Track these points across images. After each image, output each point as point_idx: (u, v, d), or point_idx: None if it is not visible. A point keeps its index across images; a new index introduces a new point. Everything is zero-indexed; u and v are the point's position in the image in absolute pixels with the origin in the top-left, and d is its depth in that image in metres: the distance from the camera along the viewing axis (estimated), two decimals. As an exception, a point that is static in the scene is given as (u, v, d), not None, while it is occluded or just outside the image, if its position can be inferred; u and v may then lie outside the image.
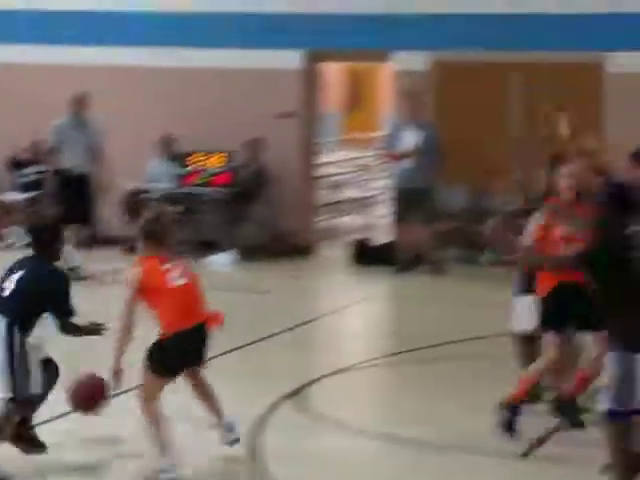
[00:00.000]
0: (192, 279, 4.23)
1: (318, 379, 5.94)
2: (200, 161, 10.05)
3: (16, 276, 4.15)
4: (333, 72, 15.57)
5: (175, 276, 4.11)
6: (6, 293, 4.13)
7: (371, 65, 15.71)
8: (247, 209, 9.50)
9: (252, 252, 9.61)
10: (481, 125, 9.49)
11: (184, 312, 4.08)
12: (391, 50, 10.11)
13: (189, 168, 10.04)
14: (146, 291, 4.07)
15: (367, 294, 8.68)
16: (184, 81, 10.06)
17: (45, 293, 4.08)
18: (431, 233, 9.34)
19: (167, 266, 4.12)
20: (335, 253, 10.38)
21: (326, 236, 11.12)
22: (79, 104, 9.18)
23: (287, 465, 4.42)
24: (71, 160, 8.89)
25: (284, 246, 9.68)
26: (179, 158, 10.04)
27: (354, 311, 8.26)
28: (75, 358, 5.10)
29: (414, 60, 10.07)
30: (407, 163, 9.52)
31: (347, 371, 6.27)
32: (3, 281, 4.20)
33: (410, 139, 9.62)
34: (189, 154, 10.11)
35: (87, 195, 8.76)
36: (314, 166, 10.82)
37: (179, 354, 4.13)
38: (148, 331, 4.23)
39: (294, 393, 5.47)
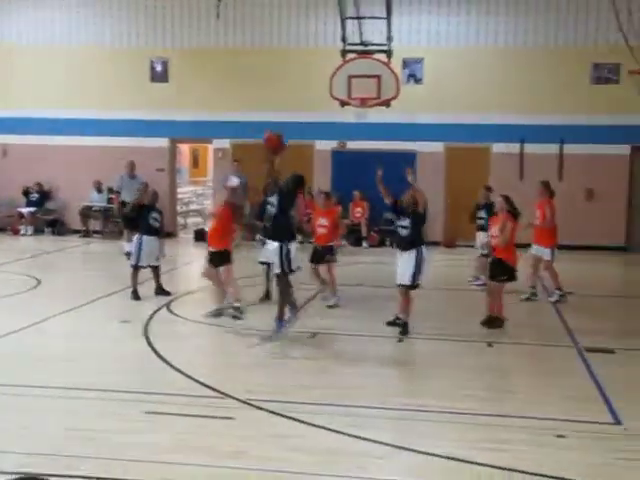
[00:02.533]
0: None
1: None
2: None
3: None
4: (184, 148, 26.91)
5: None
6: None
7: (202, 145, 26.68)
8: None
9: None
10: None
11: None
12: (211, 138, 20.48)
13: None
14: None
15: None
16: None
17: None
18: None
19: None
20: (187, 236, 20.41)
21: (182, 227, 21.24)
22: (131, 166, 17.33)
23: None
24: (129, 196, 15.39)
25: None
26: (108, 190, 19.79)
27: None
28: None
29: (224, 142, 20.42)
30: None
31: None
32: None
33: (234, 180, 19.90)
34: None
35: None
36: (175, 192, 20.98)
37: None
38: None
39: None
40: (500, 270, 9.86)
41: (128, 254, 12.59)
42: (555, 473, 5.43)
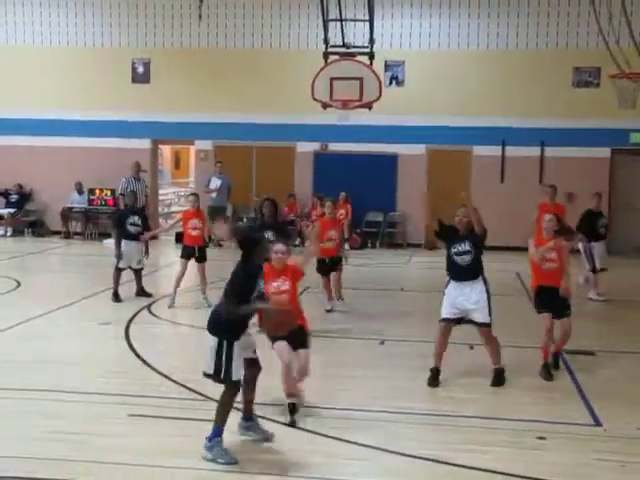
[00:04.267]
0: None
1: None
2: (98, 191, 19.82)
3: None
4: (166, 149, 26.77)
5: None
6: None
7: (184, 146, 26.57)
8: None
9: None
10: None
11: None
12: (193, 139, 20.41)
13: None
14: None
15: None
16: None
17: None
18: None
19: None
20: (168, 237, 20.26)
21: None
22: (137, 167, 17.23)
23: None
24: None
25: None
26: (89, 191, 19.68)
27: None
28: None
29: (205, 144, 20.36)
30: (214, 194, 18.21)
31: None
32: None
33: (215, 182, 19.85)
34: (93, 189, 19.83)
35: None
36: (157, 193, 20.91)
37: None
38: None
39: None
40: None
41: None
42: (535, 474, 5.47)
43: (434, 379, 7.60)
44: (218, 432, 5.62)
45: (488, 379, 7.81)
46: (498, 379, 7.64)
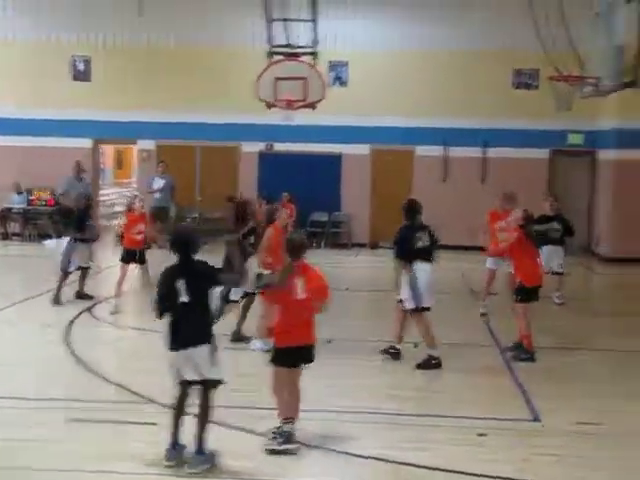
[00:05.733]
0: None
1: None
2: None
3: None
4: (108, 149, 26.27)
5: None
6: None
7: (127, 146, 26.15)
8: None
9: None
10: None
11: None
12: (136, 139, 20.17)
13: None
14: None
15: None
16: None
17: None
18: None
19: None
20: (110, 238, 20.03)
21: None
22: (77, 167, 16.29)
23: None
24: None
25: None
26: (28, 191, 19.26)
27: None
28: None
29: (148, 143, 20.14)
30: (157, 194, 17.53)
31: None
32: None
33: (158, 182, 19.58)
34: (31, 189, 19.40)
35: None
36: (99, 194, 20.58)
37: None
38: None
39: None
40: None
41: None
42: (476, 470, 5.55)
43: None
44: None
45: (431, 378, 7.90)
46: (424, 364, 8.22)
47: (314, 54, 15.28)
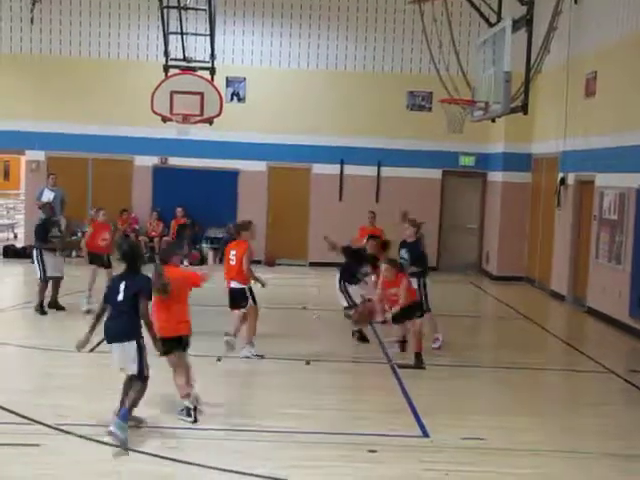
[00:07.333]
0: None
1: None
2: None
3: None
4: None
5: None
6: None
7: (14, 156, 25.29)
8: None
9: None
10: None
11: None
12: (24, 149, 19.47)
13: None
14: None
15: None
16: None
17: None
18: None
19: None
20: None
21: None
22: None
23: None
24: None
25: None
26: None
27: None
28: None
29: (38, 154, 19.48)
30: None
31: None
32: None
33: (48, 195, 18.90)
34: None
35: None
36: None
37: None
38: None
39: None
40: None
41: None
42: (367, 487, 5.58)
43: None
44: (127, 416, 6.23)
45: (323, 396, 7.92)
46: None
47: (211, 69, 15.20)
